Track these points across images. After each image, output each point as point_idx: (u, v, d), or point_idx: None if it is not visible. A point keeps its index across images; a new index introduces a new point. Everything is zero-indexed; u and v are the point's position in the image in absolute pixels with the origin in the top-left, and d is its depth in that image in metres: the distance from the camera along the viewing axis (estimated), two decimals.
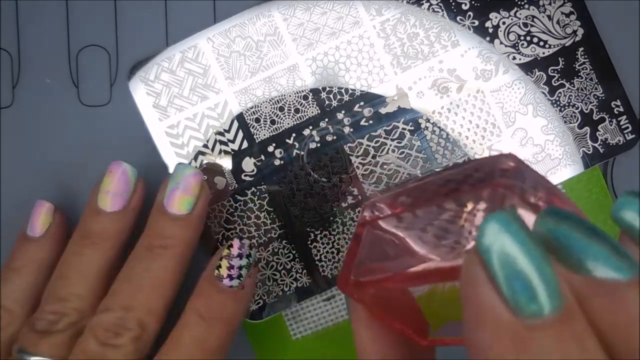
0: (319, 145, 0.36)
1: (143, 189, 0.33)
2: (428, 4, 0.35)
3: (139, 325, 0.30)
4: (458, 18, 0.35)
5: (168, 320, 0.32)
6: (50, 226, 0.33)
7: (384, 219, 0.21)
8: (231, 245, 0.32)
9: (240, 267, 0.31)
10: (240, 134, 0.36)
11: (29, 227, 0.34)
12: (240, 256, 0.31)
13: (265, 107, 0.36)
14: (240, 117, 0.36)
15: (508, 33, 0.35)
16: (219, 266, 0.31)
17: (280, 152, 0.36)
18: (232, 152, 0.36)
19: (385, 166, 0.34)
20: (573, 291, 0.17)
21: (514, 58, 0.35)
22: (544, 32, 0.35)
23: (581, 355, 0.15)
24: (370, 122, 0.36)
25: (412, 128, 0.36)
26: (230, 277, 0.31)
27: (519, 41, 0.35)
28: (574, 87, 0.35)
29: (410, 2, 0.35)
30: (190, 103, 0.36)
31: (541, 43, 0.35)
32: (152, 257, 0.31)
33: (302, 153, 0.36)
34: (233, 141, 0.36)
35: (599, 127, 0.35)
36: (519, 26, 0.35)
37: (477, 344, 0.17)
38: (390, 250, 0.21)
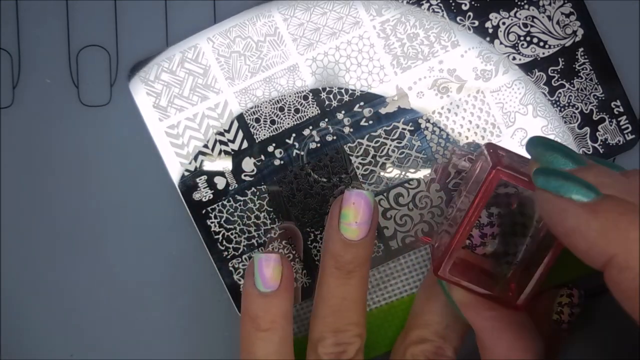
0: (319, 145, 0.36)
1: (377, 205, 0.34)
2: (428, 4, 0.35)
3: (454, 352, 0.34)
4: (458, 18, 0.35)
5: None
6: (283, 277, 0.33)
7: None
8: (572, 295, 0.34)
9: (576, 315, 0.35)
10: (240, 134, 0.36)
11: (261, 283, 0.32)
12: (579, 305, 0.34)
13: (265, 107, 0.36)
14: (240, 117, 0.36)
15: (508, 33, 0.35)
16: (561, 312, 0.34)
17: (280, 152, 0.36)
18: (232, 152, 0.36)
19: None
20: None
21: (514, 58, 0.35)
22: (544, 33, 0.35)
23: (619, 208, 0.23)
24: (370, 122, 0.36)
25: (412, 128, 0.36)
26: (569, 322, 0.34)
27: (518, 41, 0.35)
28: (573, 87, 0.35)
29: (410, 2, 0.35)
30: (190, 103, 0.36)
31: (541, 43, 0.35)
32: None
33: (302, 153, 0.36)
34: (233, 141, 0.36)
35: (599, 128, 0.35)
36: (519, 26, 0.35)
37: (569, 229, 0.24)
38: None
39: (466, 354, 0.35)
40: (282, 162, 0.36)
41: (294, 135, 0.36)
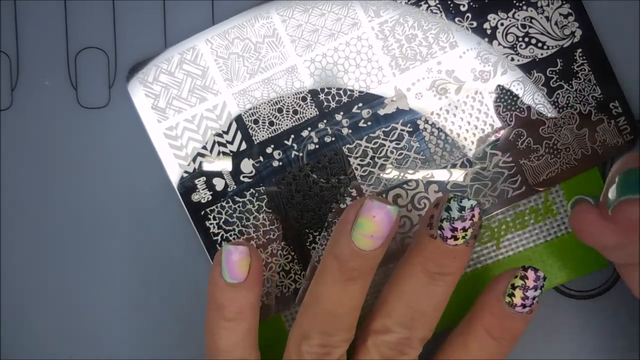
0: (317, 146, 0.36)
1: (399, 219, 0.32)
2: (426, 5, 0.35)
3: (421, 343, 0.32)
4: (456, 19, 0.35)
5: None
6: (251, 269, 0.32)
7: None
8: (526, 277, 0.32)
9: (534, 298, 0.32)
10: (239, 136, 0.36)
11: (228, 274, 0.32)
12: (535, 288, 0.32)
13: (264, 109, 0.36)
14: (238, 119, 0.36)
15: (506, 34, 0.35)
16: (512, 294, 0.32)
17: (279, 154, 0.36)
18: (231, 154, 0.36)
19: None
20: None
21: (513, 59, 0.35)
22: (542, 34, 0.35)
23: None
24: (369, 123, 0.36)
25: (411, 129, 0.36)
26: (523, 305, 0.32)
27: (517, 42, 0.35)
28: (572, 88, 0.35)
29: (409, 3, 0.35)
30: (188, 104, 0.36)
31: (539, 44, 0.35)
32: (432, 283, 0.32)
33: (301, 154, 0.36)
34: (232, 142, 0.36)
35: (598, 129, 0.35)
36: (517, 27, 0.35)
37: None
38: None
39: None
40: (280, 163, 0.36)
41: (292, 136, 0.36)
